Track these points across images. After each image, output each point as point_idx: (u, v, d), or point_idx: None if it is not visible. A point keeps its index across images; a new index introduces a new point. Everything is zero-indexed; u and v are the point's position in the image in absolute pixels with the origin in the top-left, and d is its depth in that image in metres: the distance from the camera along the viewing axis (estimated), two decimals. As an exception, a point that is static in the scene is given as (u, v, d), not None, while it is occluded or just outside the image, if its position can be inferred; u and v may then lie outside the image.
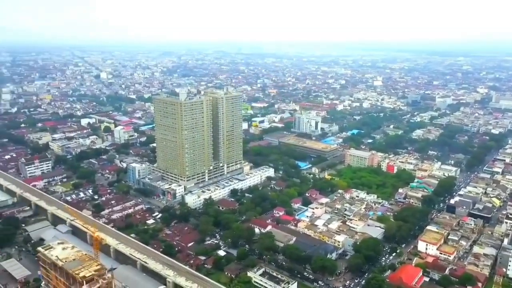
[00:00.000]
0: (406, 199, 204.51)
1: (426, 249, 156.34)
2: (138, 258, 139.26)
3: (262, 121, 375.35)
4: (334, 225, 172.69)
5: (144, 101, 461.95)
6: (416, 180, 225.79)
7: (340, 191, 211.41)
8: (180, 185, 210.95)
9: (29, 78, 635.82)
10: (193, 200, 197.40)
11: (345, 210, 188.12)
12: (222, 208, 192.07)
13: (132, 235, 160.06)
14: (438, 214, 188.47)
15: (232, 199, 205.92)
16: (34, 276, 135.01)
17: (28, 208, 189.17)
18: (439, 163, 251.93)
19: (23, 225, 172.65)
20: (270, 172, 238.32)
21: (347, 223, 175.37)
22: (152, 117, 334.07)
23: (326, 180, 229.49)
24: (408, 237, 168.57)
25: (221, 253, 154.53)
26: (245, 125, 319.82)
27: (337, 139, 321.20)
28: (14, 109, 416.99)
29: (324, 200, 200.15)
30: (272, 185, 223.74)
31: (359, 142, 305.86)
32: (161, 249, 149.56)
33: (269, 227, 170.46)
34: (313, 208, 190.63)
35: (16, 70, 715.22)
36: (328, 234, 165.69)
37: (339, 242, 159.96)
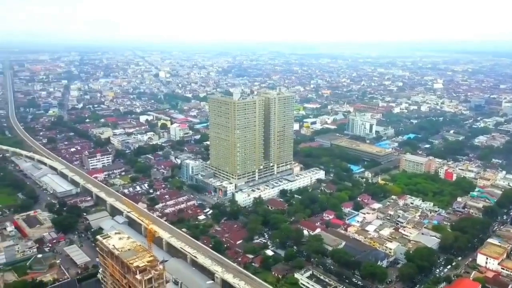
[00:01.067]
0: (465, 209, 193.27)
1: (486, 263, 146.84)
2: (188, 252, 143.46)
3: (314, 122, 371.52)
4: (386, 231, 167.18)
5: (199, 100, 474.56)
6: (477, 189, 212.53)
7: (393, 197, 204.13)
8: (231, 183, 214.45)
9: (95, 76, 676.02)
10: (243, 199, 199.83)
11: (398, 217, 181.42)
12: (271, 208, 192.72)
13: (184, 229, 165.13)
14: (501, 227, 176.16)
15: (281, 200, 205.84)
16: (93, 262, 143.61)
17: (90, 198, 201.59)
18: (504, 172, 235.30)
19: (85, 214, 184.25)
20: (321, 174, 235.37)
21: (399, 230, 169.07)
22: (206, 115, 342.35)
23: (379, 185, 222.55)
24: (465, 249, 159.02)
25: (269, 252, 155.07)
26: (296, 126, 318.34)
27: (392, 143, 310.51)
28: (80, 105, 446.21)
29: (376, 205, 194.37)
30: (322, 188, 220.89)
31: (416, 147, 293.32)
32: (210, 245, 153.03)
33: (318, 230, 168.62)
34: (364, 213, 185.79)
35: (83, 68, 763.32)
36: (379, 240, 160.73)
37: (390, 249, 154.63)
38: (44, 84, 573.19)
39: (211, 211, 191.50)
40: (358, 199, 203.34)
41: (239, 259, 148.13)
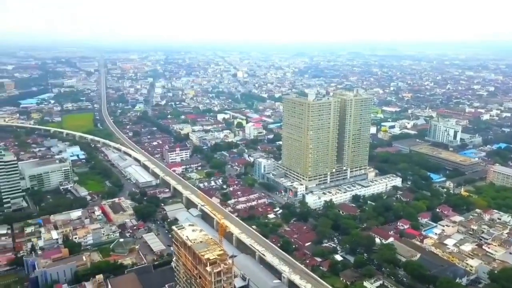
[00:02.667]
0: None
1: None
2: (257, 250, 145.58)
3: (393, 126, 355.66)
4: (467, 247, 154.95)
5: (274, 100, 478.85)
6: None
7: (478, 210, 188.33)
8: (302, 184, 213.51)
9: (177, 74, 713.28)
10: (314, 201, 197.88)
11: (482, 232, 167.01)
12: (342, 213, 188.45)
13: (254, 226, 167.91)
14: None
15: (353, 205, 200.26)
16: (167, 250, 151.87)
17: (168, 190, 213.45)
18: None
19: (162, 204, 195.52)
20: (397, 181, 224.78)
21: (483, 247, 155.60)
22: (280, 116, 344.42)
23: (462, 197, 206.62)
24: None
25: (338, 257, 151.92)
26: (373, 129, 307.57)
27: (479, 152, 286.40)
28: (164, 102, 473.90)
29: (457, 218, 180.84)
30: (398, 195, 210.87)
31: (507, 158, 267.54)
32: (279, 244, 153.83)
33: (391, 239, 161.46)
34: (443, 226, 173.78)
35: (168, 67, 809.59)
36: (459, 256, 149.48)
37: (471, 267, 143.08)
38: (133, 81, 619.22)
39: (281, 210, 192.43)
40: (437, 210, 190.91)
41: (307, 261, 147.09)
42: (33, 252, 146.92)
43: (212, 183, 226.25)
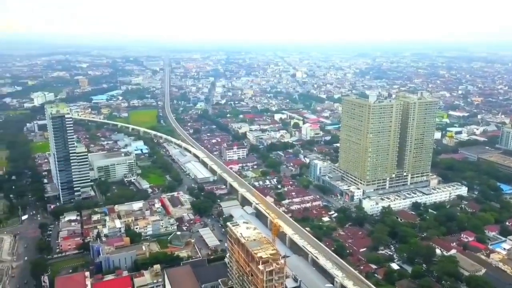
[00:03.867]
0: None
1: None
2: (310, 252, 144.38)
3: (460, 132, 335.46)
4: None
5: (333, 101, 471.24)
6: None
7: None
8: (359, 189, 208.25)
9: (237, 74, 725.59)
10: (371, 206, 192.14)
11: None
12: (401, 220, 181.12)
13: (307, 228, 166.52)
14: None
15: (413, 213, 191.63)
16: (221, 246, 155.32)
17: (224, 187, 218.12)
18: None
19: (219, 200, 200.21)
20: (463, 190, 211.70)
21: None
22: (339, 117, 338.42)
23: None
24: None
25: (394, 266, 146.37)
26: (438, 135, 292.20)
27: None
28: (223, 101, 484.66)
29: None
30: (462, 205, 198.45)
31: None
32: (332, 248, 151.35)
33: (453, 251, 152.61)
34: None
35: (228, 67, 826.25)
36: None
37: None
38: (195, 80, 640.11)
39: (336, 214, 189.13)
40: (507, 223, 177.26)
41: (361, 268, 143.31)
42: (98, 238, 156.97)
43: (267, 182, 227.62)
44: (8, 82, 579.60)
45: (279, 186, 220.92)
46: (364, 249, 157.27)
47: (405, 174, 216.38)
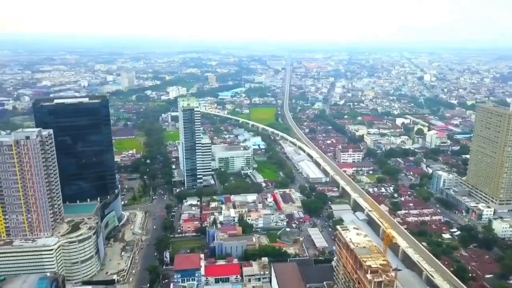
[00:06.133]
0: None
1: None
2: (425, 269, 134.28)
3: None
4: None
5: (465, 108, 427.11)
6: None
7: None
8: (489, 207, 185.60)
9: (359, 75, 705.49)
10: (503, 228, 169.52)
11: None
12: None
13: (424, 243, 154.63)
14: None
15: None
16: (329, 248, 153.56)
17: (336, 189, 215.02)
18: None
19: (329, 202, 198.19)
20: None
21: None
22: (471, 126, 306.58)
23: None
24: None
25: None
26: None
27: None
28: (342, 102, 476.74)
29: None
30: None
31: None
32: (451, 269, 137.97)
33: None
34: None
35: (350, 67, 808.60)
36: None
37: None
38: (314, 80, 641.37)
39: (458, 232, 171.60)
40: None
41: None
42: (214, 225, 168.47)
43: (383, 189, 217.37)
44: (150, 76, 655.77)
45: (396, 195, 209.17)
46: (491, 275, 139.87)
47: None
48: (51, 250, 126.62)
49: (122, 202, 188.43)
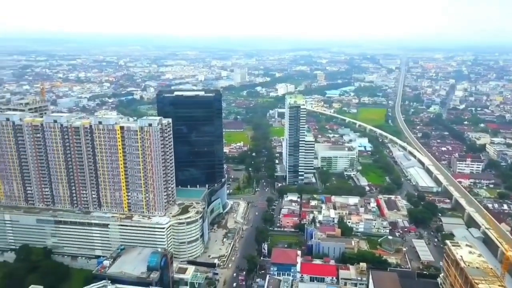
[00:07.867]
0: None
1: None
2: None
3: None
4: None
5: None
6: None
7: None
8: None
9: (485, 78, 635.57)
10: None
11: None
12: None
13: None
14: None
15: None
16: (435, 264, 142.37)
17: (448, 201, 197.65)
18: None
19: (440, 214, 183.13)
20: None
21: None
22: None
23: None
24: None
25: None
26: None
27: None
28: (462, 106, 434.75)
29: None
30: None
31: None
32: None
33: None
34: None
35: (475, 69, 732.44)
36: None
37: None
38: (432, 81, 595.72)
39: None
40: None
41: None
42: (313, 223, 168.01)
43: (505, 206, 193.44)
44: (260, 73, 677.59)
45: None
46: None
47: None
48: (163, 228, 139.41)
49: (228, 191, 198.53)
